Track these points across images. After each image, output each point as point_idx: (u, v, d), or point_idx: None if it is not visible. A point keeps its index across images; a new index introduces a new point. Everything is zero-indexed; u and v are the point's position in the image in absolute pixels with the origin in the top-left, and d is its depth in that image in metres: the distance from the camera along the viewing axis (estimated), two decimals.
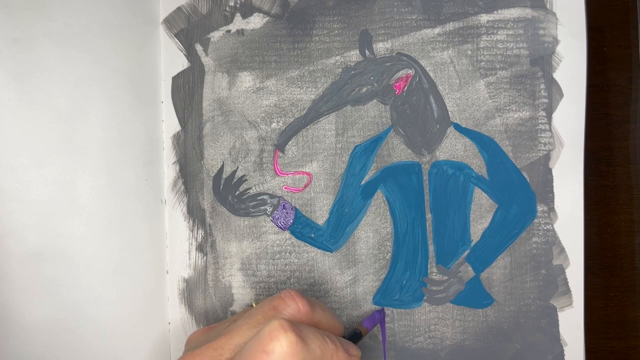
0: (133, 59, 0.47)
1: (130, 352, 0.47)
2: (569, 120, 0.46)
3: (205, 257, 0.48)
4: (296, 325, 0.34)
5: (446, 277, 0.47)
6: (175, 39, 0.48)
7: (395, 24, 0.47)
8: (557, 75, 0.46)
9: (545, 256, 0.46)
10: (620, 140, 0.49)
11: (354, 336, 0.44)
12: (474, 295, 0.47)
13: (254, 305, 0.40)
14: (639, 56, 0.49)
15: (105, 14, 0.46)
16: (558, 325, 0.46)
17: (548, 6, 0.46)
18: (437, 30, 0.47)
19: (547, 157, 0.46)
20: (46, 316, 0.45)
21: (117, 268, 0.46)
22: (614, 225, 0.49)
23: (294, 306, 0.36)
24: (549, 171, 0.46)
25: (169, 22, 0.48)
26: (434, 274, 0.47)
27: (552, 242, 0.46)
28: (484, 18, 0.46)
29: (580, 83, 0.46)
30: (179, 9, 0.48)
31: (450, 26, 0.46)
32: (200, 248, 0.48)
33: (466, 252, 0.47)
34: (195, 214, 0.48)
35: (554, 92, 0.46)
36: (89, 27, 0.45)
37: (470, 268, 0.47)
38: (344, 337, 0.41)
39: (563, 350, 0.46)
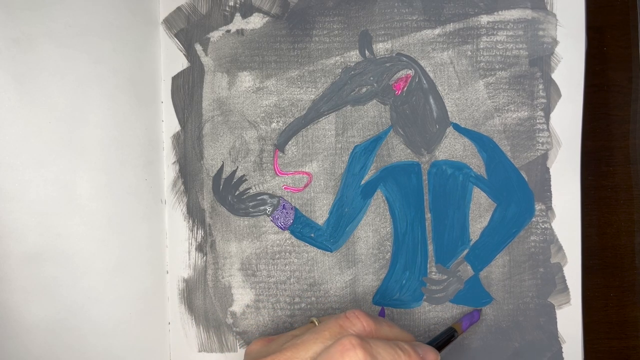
0: (133, 59, 0.47)
1: (130, 352, 0.47)
2: (567, 120, 0.46)
3: (205, 257, 0.48)
4: (365, 341, 0.35)
5: (445, 277, 0.47)
6: (175, 39, 0.48)
7: (395, 25, 0.47)
8: (555, 76, 0.46)
9: (543, 254, 0.47)
10: (620, 140, 0.50)
11: (447, 337, 0.44)
12: (473, 294, 0.47)
13: (315, 321, 0.41)
14: (639, 56, 0.49)
15: (105, 14, 0.46)
16: (556, 322, 0.47)
17: (548, 7, 0.46)
18: (437, 31, 0.47)
19: (544, 157, 0.47)
20: (46, 316, 0.45)
21: (117, 268, 0.46)
22: (613, 225, 0.50)
23: (359, 325, 0.37)
24: (547, 170, 0.47)
25: (168, 22, 0.48)
26: (433, 273, 0.47)
27: (550, 240, 0.47)
28: (484, 19, 0.46)
29: (578, 83, 0.46)
30: (178, 9, 0.48)
31: (450, 27, 0.47)
32: (200, 248, 0.48)
33: (465, 252, 0.47)
34: (195, 214, 0.48)
35: (552, 92, 0.46)
36: (89, 27, 0.45)
37: (469, 267, 0.47)
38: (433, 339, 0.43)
39: (561, 347, 0.47)
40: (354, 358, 0.34)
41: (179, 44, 0.48)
